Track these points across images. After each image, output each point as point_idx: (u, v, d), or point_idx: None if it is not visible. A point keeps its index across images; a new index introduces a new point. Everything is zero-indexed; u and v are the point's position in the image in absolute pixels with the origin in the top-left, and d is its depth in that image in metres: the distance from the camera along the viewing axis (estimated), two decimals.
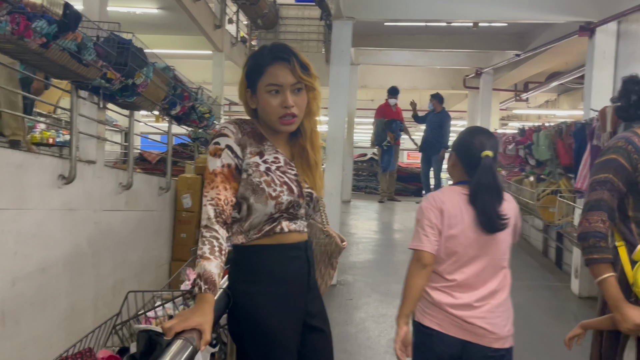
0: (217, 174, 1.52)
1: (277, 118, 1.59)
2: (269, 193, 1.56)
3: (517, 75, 9.95)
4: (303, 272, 1.70)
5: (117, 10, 8.50)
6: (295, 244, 1.67)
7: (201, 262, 1.43)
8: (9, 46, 3.12)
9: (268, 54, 1.61)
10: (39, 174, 4.10)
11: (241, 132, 1.58)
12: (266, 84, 1.58)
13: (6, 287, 3.77)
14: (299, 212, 1.66)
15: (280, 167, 1.62)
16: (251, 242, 1.62)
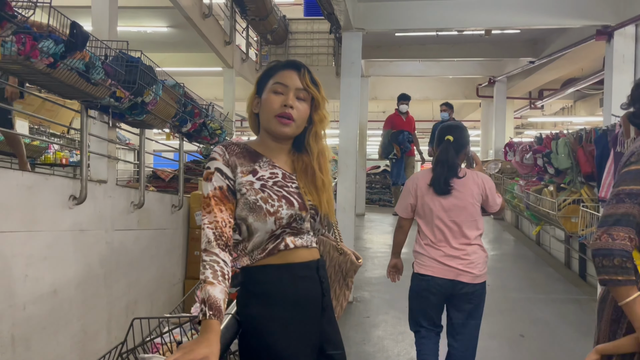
0: (211, 197, 1.50)
1: (274, 116, 1.56)
2: (266, 209, 1.51)
3: (532, 83, 9.80)
4: (316, 293, 1.60)
5: (128, 30, 8.57)
6: (306, 262, 1.59)
7: (205, 287, 1.37)
8: (15, 67, 3.09)
9: (281, 63, 1.64)
10: (49, 195, 4.06)
11: (229, 154, 1.56)
12: (273, 84, 1.59)
13: (17, 311, 3.71)
14: (304, 226, 1.57)
15: (278, 181, 1.57)
16: (257, 262, 1.55)
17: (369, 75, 9.53)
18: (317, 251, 1.65)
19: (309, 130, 1.63)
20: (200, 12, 7.55)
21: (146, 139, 5.80)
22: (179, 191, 6.49)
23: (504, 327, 4.23)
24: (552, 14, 4.93)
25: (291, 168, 1.63)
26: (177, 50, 10.12)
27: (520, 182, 6.60)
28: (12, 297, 3.66)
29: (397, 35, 7.20)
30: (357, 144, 4.98)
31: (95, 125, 4.80)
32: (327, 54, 10.62)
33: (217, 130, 6.52)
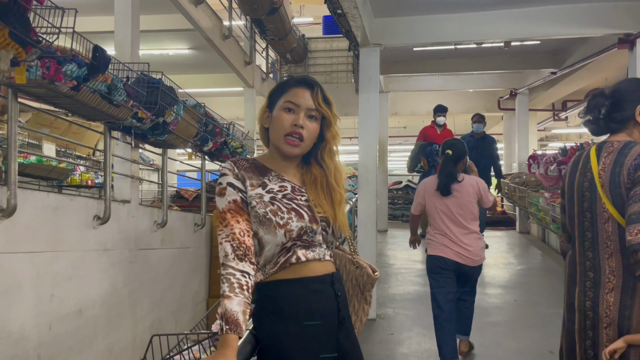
0: (226, 211, 1.51)
1: (283, 135, 1.56)
2: (276, 222, 1.50)
3: (555, 94, 9.67)
4: (331, 307, 1.58)
5: (151, 53, 8.76)
6: (320, 276, 1.57)
7: (222, 302, 1.38)
8: (40, 90, 3.17)
9: (294, 79, 1.64)
10: (74, 215, 4.13)
11: (238, 168, 1.58)
12: (284, 101, 1.59)
13: (43, 330, 3.76)
14: (315, 238, 1.56)
15: (287, 194, 1.57)
16: (269, 277, 1.54)
17: (389, 90, 9.53)
18: (332, 264, 1.63)
19: (323, 148, 1.63)
20: (221, 33, 7.69)
21: (169, 159, 5.88)
22: (202, 210, 6.54)
23: (532, 343, 4.12)
24: (572, 24, 4.88)
25: (300, 181, 1.62)
26: (198, 72, 10.30)
27: (546, 195, 6.48)
28: (38, 317, 3.71)
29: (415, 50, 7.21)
30: (376, 160, 4.96)
31: (118, 146, 4.90)
32: (347, 71, 10.67)
33: (238, 148, 6.58)
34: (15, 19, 2.69)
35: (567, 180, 2.04)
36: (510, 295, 5.49)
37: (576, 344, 1.96)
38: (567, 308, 2.01)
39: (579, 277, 1.96)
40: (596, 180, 1.89)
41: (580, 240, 1.96)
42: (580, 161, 1.98)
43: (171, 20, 7.76)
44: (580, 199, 1.95)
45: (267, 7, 7.87)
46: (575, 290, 1.97)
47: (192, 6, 6.64)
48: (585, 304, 1.92)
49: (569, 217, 2.02)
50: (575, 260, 1.98)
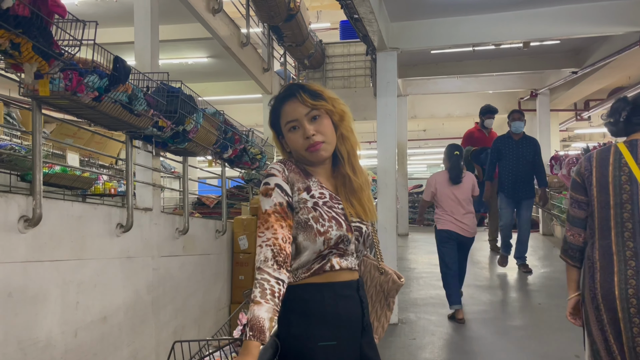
0: (271, 213, 1.51)
1: (304, 150, 1.59)
2: (317, 229, 1.51)
3: (576, 94, 9.53)
4: (356, 313, 1.59)
5: (170, 62, 8.89)
6: (347, 282, 1.58)
7: (251, 307, 1.39)
8: (63, 102, 3.24)
9: (278, 98, 1.66)
10: (98, 224, 4.20)
11: (287, 170, 1.58)
12: (285, 124, 1.61)
13: (69, 338, 3.82)
14: (349, 247, 1.58)
15: (327, 202, 1.58)
16: (299, 281, 1.55)
17: (407, 94, 9.50)
18: (358, 273, 1.65)
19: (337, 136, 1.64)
20: (239, 41, 7.76)
21: (190, 166, 5.95)
22: (223, 216, 6.59)
23: (557, 347, 4.05)
24: (592, 22, 4.80)
25: (335, 189, 1.64)
26: (217, 80, 10.41)
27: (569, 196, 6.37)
28: (64, 324, 3.77)
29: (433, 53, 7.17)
30: (395, 163, 4.94)
31: (139, 154, 4.97)
32: (365, 76, 10.67)
33: (257, 155, 6.62)
34: (38, 33, 2.76)
35: (595, 175, 2.12)
36: (534, 299, 5.40)
37: (622, 331, 1.99)
38: (603, 298, 2.03)
39: (617, 267, 2.02)
40: (636, 173, 2.01)
41: (617, 231, 2.04)
42: (609, 157, 2.09)
43: (190, 29, 7.86)
44: (618, 191, 2.04)
45: (284, 14, 7.93)
46: (614, 280, 2.01)
47: (210, 15, 6.72)
48: (628, 292, 1.97)
49: (602, 209, 2.09)
50: (612, 250, 2.04)
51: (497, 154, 6.01)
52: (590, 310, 2.09)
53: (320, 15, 13.37)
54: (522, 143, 5.98)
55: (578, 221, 2.21)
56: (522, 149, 5.93)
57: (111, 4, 6.94)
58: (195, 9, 6.24)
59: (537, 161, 5.95)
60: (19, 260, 3.37)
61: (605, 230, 2.07)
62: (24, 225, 3.37)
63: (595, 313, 2.06)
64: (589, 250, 2.14)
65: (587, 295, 2.10)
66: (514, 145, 5.96)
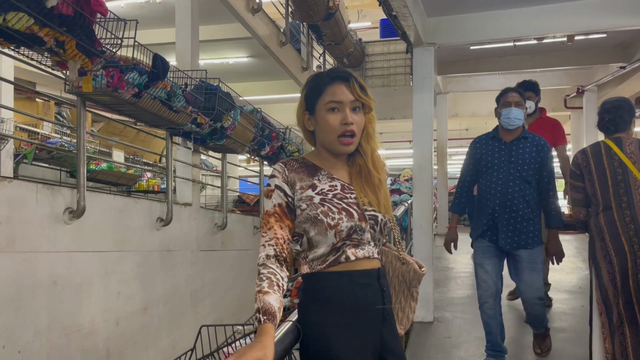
0: (271, 214, 1.53)
1: (336, 137, 1.56)
2: (327, 223, 1.52)
3: (626, 90, 9.14)
4: (376, 302, 1.59)
5: (212, 62, 9.08)
6: (367, 270, 1.58)
7: (260, 297, 1.39)
8: (105, 98, 3.38)
9: (326, 76, 1.62)
10: (139, 217, 4.35)
11: (288, 170, 1.58)
12: (326, 102, 1.57)
13: (111, 326, 3.97)
14: (364, 236, 1.56)
15: (337, 194, 1.57)
16: (316, 270, 1.56)
17: (448, 91, 9.36)
18: (378, 261, 1.64)
19: (363, 134, 1.62)
20: (278, 40, 7.85)
21: (230, 163, 6.07)
22: (260, 213, 6.69)
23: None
24: None
25: (349, 178, 1.63)
26: (257, 79, 10.55)
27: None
28: (107, 313, 3.93)
29: (472, 49, 7.03)
30: (432, 160, 4.88)
31: (179, 151, 5.11)
32: (405, 74, 10.58)
33: (294, 152, 6.68)
34: (82, 32, 2.89)
35: (593, 164, 2.89)
36: (577, 301, 5.23)
37: (629, 277, 2.69)
38: (615, 254, 2.74)
39: (621, 229, 2.74)
40: (625, 161, 2.81)
41: (617, 203, 2.78)
42: (601, 150, 2.90)
43: (230, 29, 8.01)
44: (614, 174, 2.82)
45: (323, 12, 7.96)
46: (622, 239, 2.73)
47: (249, 15, 6.82)
48: (633, 246, 2.70)
49: (603, 189, 2.83)
50: (614, 218, 2.76)
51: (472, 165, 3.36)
52: (601, 258, 2.81)
53: (361, 14, 13.35)
54: (518, 146, 3.24)
55: (579, 202, 2.97)
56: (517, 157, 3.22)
57: (154, 5, 7.16)
58: (235, 8, 6.35)
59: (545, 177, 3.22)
60: (63, 250, 3.53)
61: (607, 204, 2.80)
62: (69, 217, 3.53)
63: (607, 259, 2.77)
64: (594, 220, 2.84)
65: (598, 249, 2.81)
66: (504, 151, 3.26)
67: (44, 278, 3.37)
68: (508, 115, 3.24)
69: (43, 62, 3.05)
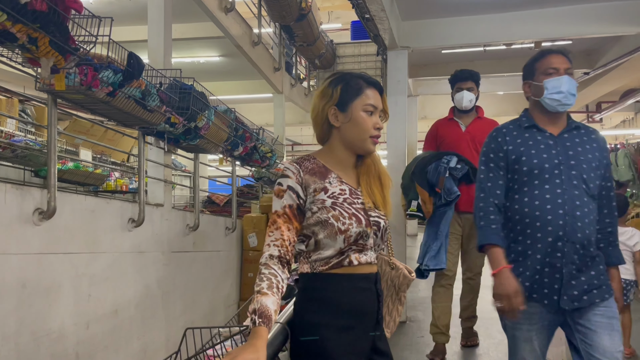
0: (280, 215, 1.53)
1: (368, 136, 1.62)
2: (338, 227, 1.53)
3: (588, 96, 9.48)
4: (372, 306, 1.61)
5: (182, 60, 8.97)
6: (366, 274, 1.60)
7: (258, 297, 1.39)
8: (78, 97, 3.30)
9: (363, 79, 1.66)
10: (110, 218, 4.26)
11: (303, 171, 1.58)
12: (364, 104, 1.61)
13: (81, 329, 3.88)
14: (368, 242, 1.59)
15: (347, 198, 1.58)
16: (317, 272, 1.57)
17: (418, 94, 9.50)
18: (376, 266, 1.67)
19: None
20: (250, 40, 7.81)
21: (202, 164, 6.00)
22: (233, 214, 6.64)
23: None
24: (605, 22, 4.79)
25: (356, 183, 1.65)
26: (229, 79, 10.48)
27: None
28: (76, 316, 3.83)
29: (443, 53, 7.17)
30: (405, 161, 4.95)
31: (151, 151, 5.03)
32: (375, 76, 10.66)
33: (267, 153, 6.66)
34: (55, 28, 2.81)
35: None
36: None
37: None
38: None
39: None
40: None
41: None
42: None
43: (202, 28, 7.93)
44: None
45: (295, 13, 7.97)
46: None
47: (222, 14, 6.77)
48: None
49: None
50: None
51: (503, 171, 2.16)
52: None
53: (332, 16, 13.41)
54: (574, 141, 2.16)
55: None
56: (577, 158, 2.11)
57: (125, 2, 7.03)
58: (207, 7, 6.29)
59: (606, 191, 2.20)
60: (33, 252, 3.43)
61: None
62: (39, 218, 3.43)
63: None
64: None
65: None
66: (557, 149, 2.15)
67: (12, 281, 3.26)
68: (559, 87, 2.04)
69: (13, 59, 2.96)
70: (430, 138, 3.96)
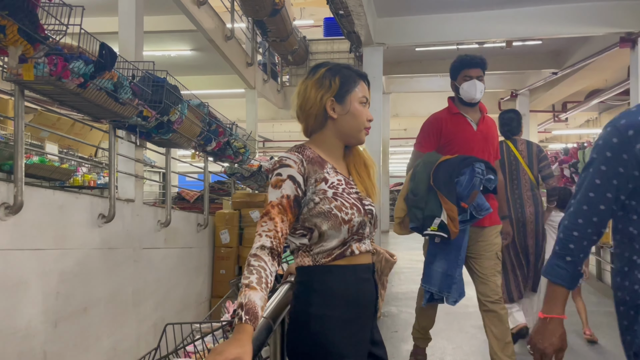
0: (275, 205, 1.48)
1: (363, 128, 1.63)
2: (342, 218, 1.51)
3: (555, 95, 9.72)
4: (372, 296, 1.61)
5: (153, 54, 8.78)
6: (366, 265, 1.60)
7: (246, 291, 1.33)
8: (47, 88, 3.19)
9: (357, 72, 1.67)
10: (80, 213, 4.14)
11: (306, 161, 1.54)
12: (360, 96, 1.62)
13: (49, 328, 3.76)
14: (366, 231, 1.58)
15: (345, 188, 1.57)
16: (320, 264, 1.55)
17: (390, 92, 9.57)
18: (371, 255, 1.66)
19: None
20: (223, 34, 7.72)
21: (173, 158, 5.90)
22: (205, 210, 6.56)
23: None
24: (574, 23, 4.91)
25: (347, 172, 1.65)
26: (200, 73, 10.33)
27: None
28: (45, 314, 3.72)
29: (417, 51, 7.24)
30: (380, 159, 4.98)
31: (122, 145, 4.91)
32: None
33: (240, 149, 6.59)
34: (24, 16, 2.72)
35: None
36: None
37: None
38: None
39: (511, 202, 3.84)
40: (518, 156, 3.86)
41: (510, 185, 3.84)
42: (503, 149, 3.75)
43: (173, 21, 7.79)
44: (510, 165, 3.86)
45: (268, 8, 7.91)
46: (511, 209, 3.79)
47: (195, 7, 6.67)
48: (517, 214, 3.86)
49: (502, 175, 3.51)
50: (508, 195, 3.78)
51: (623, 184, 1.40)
52: None
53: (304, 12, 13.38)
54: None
55: None
56: None
57: None
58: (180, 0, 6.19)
59: None
60: None
61: None
62: (5, 213, 3.31)
63: None
64: None
65: None
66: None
67: None
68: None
69: None
70: (430, 134, 3.09)
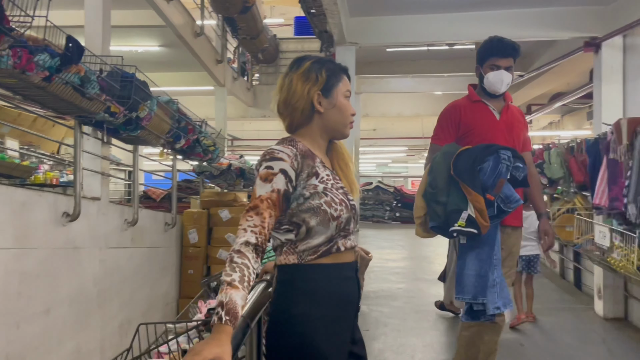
0: (264, 199, 1.43)
1: (349, 122, 1.62)
2: (331, 214, 1.49)
3: (520, 97, 9.93)
4: (355, 294, 1.61)
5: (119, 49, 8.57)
6: (350, 263, 1.59)
7: (227, 290, 1.28)
8: (11, 81, 3.07)
9: (340, 67, 1.66)
10: (43, 211, 4.01)
11: (300, 155, 1.51)
12: (345, 90, 1.62)
13: (10, 329, 3.63)
14: (351, 227, 1.57)
15: (334, 184, 1.55)
16: (306, 262, 1.52)
17: (361, 91, 9.60)
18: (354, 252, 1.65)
19: None
20: (192, 31, 7.61)
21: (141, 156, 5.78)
22: (172, 209, 6.44)
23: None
24: (540, 26, 5.03)
25: (331, 166, 1.63)
26: (168, 70, 10.16)
27: None
28: (6, 315, 3.59)
29: (388, 51, 7.29)
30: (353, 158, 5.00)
31: (88, 141, 4.78)
32: None
33: (210, 147, 6.51)
34: None
35: None
36: None
37: None
38: None
39: None
40: None
41: None
42: None
43: (141, 16, 7.63)
44: None
45: (239, 5, 7.84)
46: None
47: (164, 2, 6.55)
48: None
49: None
50: None
51: None
52: None
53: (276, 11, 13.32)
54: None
55: None
56: None
57: None
58: None
59: None
60: None
61: None
62: None
63: None
64: None
65: None
66: None
67: None
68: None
69: None
70: (448, 124, 2.84)
